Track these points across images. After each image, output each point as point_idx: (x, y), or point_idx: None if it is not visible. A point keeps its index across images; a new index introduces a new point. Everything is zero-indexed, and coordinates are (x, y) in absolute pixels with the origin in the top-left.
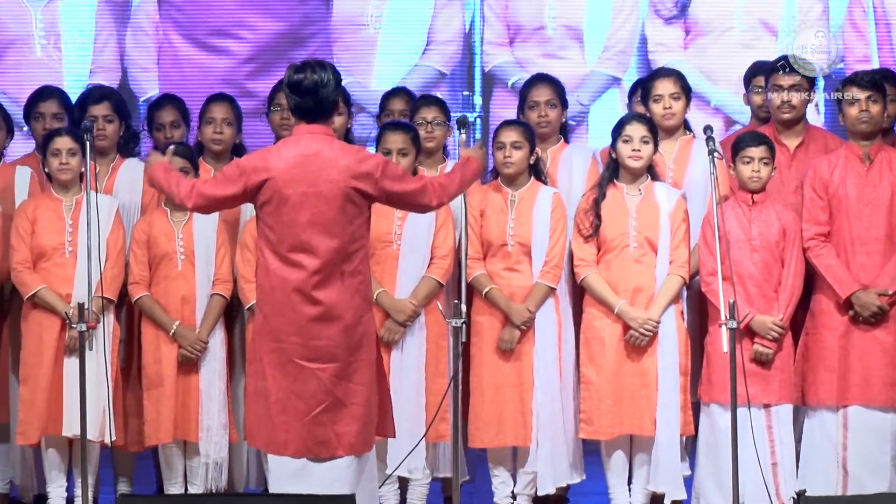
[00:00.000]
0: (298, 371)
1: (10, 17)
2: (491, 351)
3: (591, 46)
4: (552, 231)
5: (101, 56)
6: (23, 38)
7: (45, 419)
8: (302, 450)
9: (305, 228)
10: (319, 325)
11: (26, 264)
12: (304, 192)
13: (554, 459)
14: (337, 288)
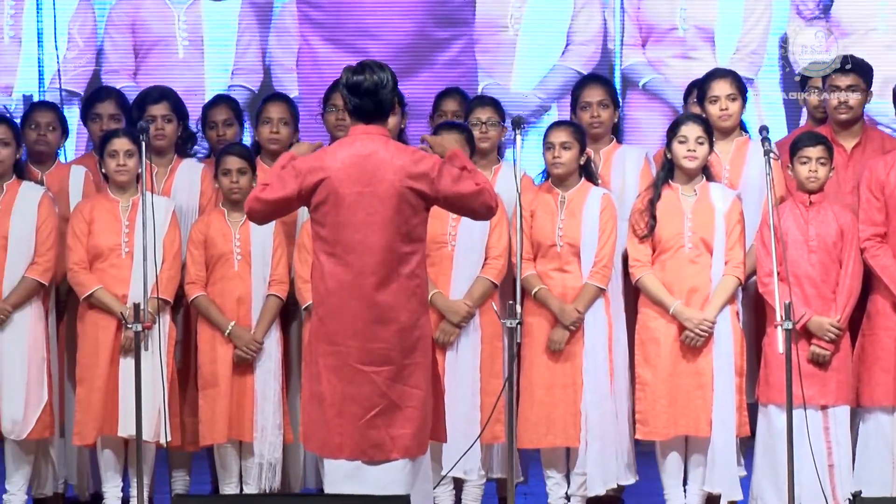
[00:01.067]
0: (354, 374)
1: (153, 18)
2: (540, 351)
3: (722, 47)
4: (601, 232)
5: (244, 58)
6: (166, 40)
7: (101, 419)
8: (356, 452)
9: (360, 228)
10: (375, 327)
11: (82, 265)
12: (360, 192)
13: (603, 460)
14: (393, 290)
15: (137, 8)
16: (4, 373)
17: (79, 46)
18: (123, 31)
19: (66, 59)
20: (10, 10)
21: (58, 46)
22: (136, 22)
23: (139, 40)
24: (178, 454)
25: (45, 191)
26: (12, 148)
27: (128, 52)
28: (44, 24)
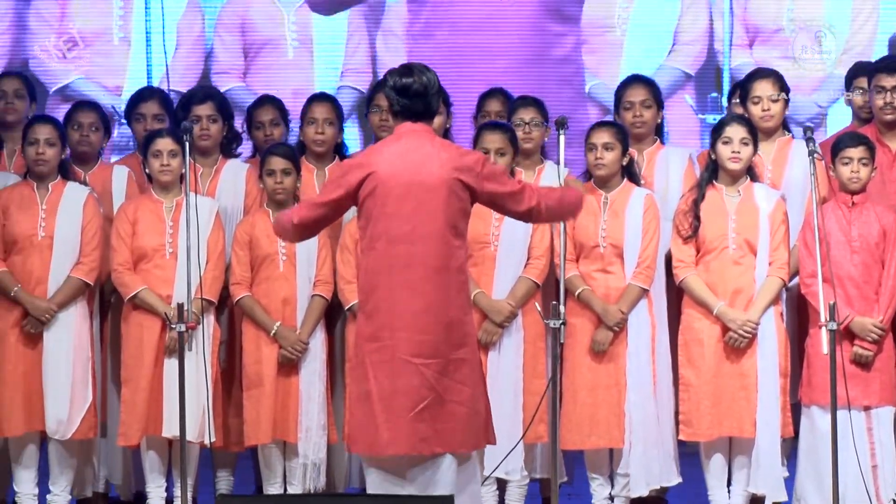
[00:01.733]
0: (402, 366)
1: (263, 18)
2: (584, 352)
3: (829, 48)
4: (644, 232)
5: (353, 58)
6: (275, 40)
7: (146, 420)
8: (405, 447)
9: (409, 219)
10: (424, 318)
11: (127, 266)
12: (408, 184)
13: (647, 461)
14: (443, 282)
15: (247, 9)
16: (49, 373)
17: (187, 47)
18: (233, 32)
19: (174, 59)
20: (120, 10)
21: (166, 48)
22: (246, 23)
23: (249, 41)
24: (223, 454)
25: (89, 191)
26: (57, 148)
27: (237, 53)
28: (152, 26)
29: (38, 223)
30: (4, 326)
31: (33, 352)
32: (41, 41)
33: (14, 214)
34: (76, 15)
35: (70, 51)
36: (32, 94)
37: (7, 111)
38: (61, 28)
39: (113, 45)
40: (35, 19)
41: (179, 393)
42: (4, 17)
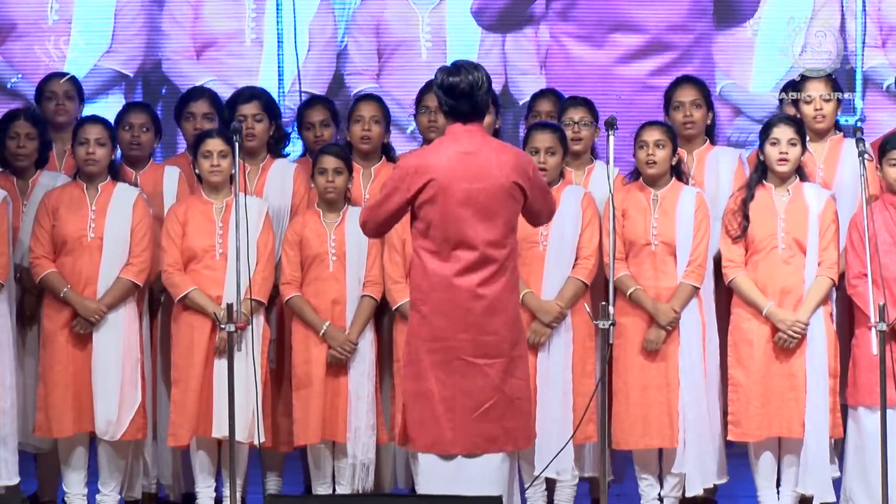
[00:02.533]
0: (465, 368)
1: (397, 19)
2: (636, 352)
3: None
4: (695, 231)
5: (485, 60)
6: (409, 41)
7: (196, 421)
8: (469, 446)
9: (471, 224)
10: (486, 319)
11: (177, 266)
12: (468, 189)
13: (701, 460)
14: (501, 283)
15: (381, 10)
16: (99, 374)
17: (319, 49)
18: (367, 32)
19: (306, 61)
20: (252, 13)
21: (298, 49)
22: (381, 24)
23: (383, 42)
24: (272, 454)
25: (139, 192)
26: (108, 149)
27: (371, 53)
28: (284, 27)
29: (87, 224)
30: (54, 327)
31: (83, 353)
32: (174, 43)
33: (64, 215)
34: (209, 17)
35: (203, 52)
36: (82, 95)
37: (57, 112)
38: (194, 30)
39: (245, 47)
40: (168, 21)
41: (229, 393)
42: (137, 19)
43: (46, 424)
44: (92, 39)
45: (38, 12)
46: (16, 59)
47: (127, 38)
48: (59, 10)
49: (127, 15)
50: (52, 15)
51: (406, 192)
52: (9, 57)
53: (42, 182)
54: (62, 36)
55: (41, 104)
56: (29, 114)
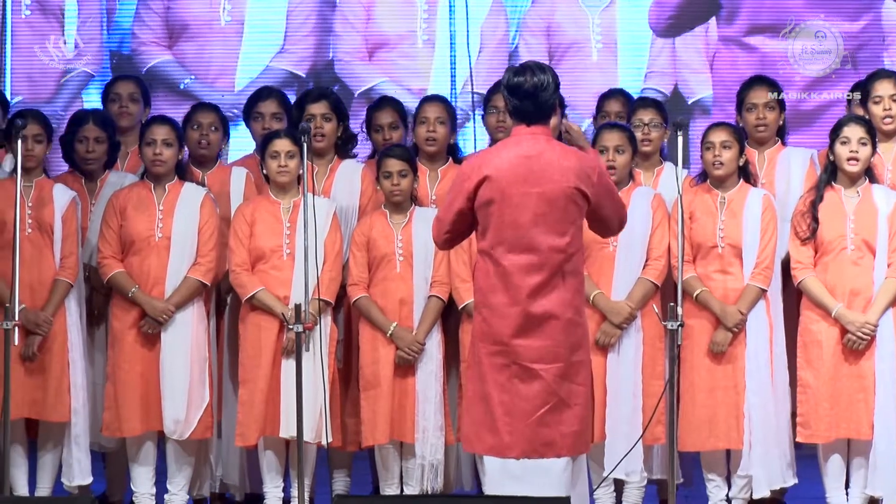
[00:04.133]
0: (523, 372)
1: (568, 21)
2: (702, 354)
3: None
4: (763, 232)
5: (657, 60)
6: (580, 43)
7: (263, 420)
8: (527, 451)
9: (528, 228)
10: (544, 324)
11: (244, 266)
12: (527, 192)
13: (768, 462)
14: (560, 287)
15: (552, 11)
16: (167, 373)
17: (490, 50)
18: (538, 34)
19: (477, 62)
20: (424, 14)
21: (470, 50)
22: (551, 25)
23: (554, 44)
24: (339, 454)
25: (206, 192)
26: (175, 149)
27: (542, 55)
28: (456, 28)
29: (155, 224)
30: (122, 327)
31: (151, 352)
32: (346, 44)
33: (132, 215)
34: (381, 18)
35: (375, 53)
36: (147, 97)
37: (122, 114)
38: (366, 31)
39: (417, 48)
40: (340, 22)
41: (297, 393)
42: (309, 20)
43: (115, 424)
44: (264, 40)
45: (211, 13)
46: (188, 61)
47: (299, 39)
48: (232, 10)
49: (299, 16)
50: (225, 16)
51: (465, 193)
52: (181, 58)
53: (110, 182)
54: (234, 37)
55: (106, 106)
56: (97, 117)
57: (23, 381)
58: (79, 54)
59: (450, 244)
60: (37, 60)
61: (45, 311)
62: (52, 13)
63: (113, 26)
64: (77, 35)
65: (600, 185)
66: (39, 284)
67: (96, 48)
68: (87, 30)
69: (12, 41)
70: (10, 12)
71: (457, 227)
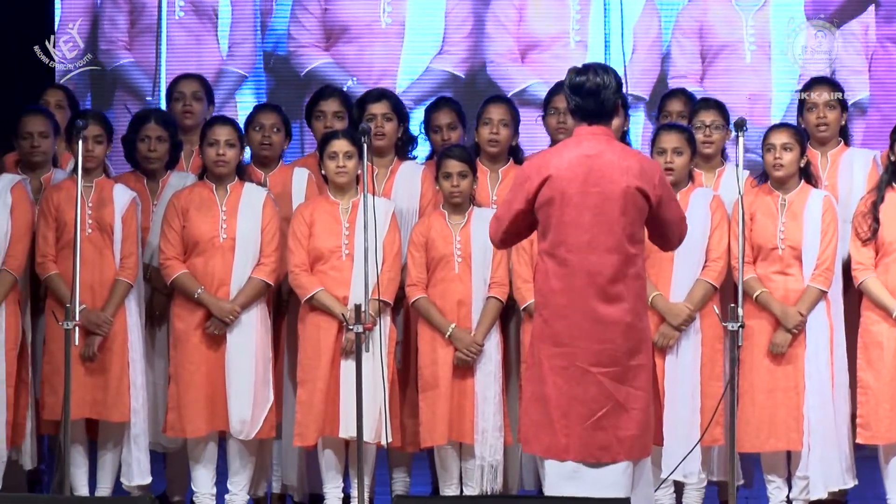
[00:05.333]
0: (581, 375)
1: (721, 22)
2: (762, 355)
3: None
4: (823, 234)
5: (810, 60)
6: (733, 44)
7: (323, 421)
8: (584, 454)
9: (588, 229)
10: (603, 327)
11: (304, 267)
12: (587, 193)
13: (826, 464)
14: (620, 290)
15: (705, 12)
16: (233, 374)
17: (644, 50)
18: (691, 35)
19: (631, 62)
20: (577, 14)
21: (624, 50)
22: (704, 26)
23: (706, 45)
24: (399, 455)
25: (267, 192)
26: (237, 149)
27: (695, 56)
28: (610, 28)
29: (219, 225)
30: (186, 328)
31: (216, 353)
32: (499, 45)
33: (194, 216)
34: (533, 19)
35: (527, 55)
36: (210, 96)
37: (185, 114)
38: (518, 32)
39: (569, 49)
40: (493, 24)
41: (356, 394)
42: (467, 21)
43: (179, 424)
44: (424, 41)
45: (371, 15)
46: (348, 63)
47: (458, 41)
48: (392, 12)
49: (457, 17)
50: (385, 18)
51: (526, 194)
52: (340, 60)
53: (172, 183)
54: (395, 38)
55: (170, 105)
56: (159, 116)
57: (83, 381)
58: (231, 56)
59: (506, 244)
60: (192, 61)
61: (105, 311)
62: (206, 14)
63: (269, 28)
64: (231, 36)
65: (662, 186)
66: (100, 285)
67: (249, 49)
68: (239, 31)
69: (167, 42)
70: (164, 13)
71: (515, 227)
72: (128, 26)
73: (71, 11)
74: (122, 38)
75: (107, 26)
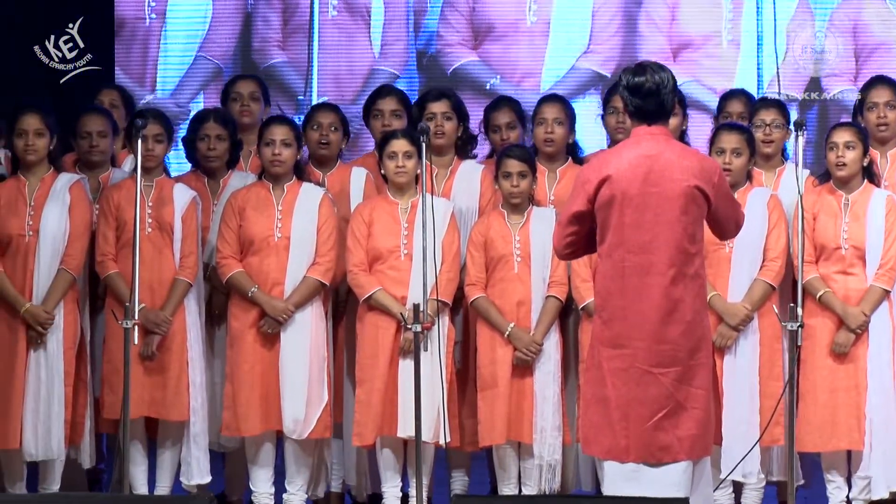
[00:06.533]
0: (641, 376)
1: (876, 20)
2: (824, 354)
3: None
4: (887, 234)
5: None
6: (888, 44)
7: (381, 420)
8: (644, 455)
9: (649, 229)
10: (663, 328)
11: (362, 266)
12: (647, 193)
13: (887, 463)
14: (680, 290)
15: (859, 11)
16: (287, 373)
17: (797, 50)
18: (845, 34)
19: (784, 62)
20: (729, 14)
21: (777, 50)
22: (858, 25)
23: (860, 44)
24: (457, 454)
25: (324, 191)
26: (293, 149)
27: (848, 56)
28: (763, 29)
29: (274, 224)
30: (241, 327)
31: (270, 352)
32: (650, 44)
33: (250, 215)
34: (685, 18)
35: (679, 54)
36: (267, 96)
37: (243, 113)
38: (671, 31)
39: (721, 48)
40: (645, 23)
41: (415, 393)
42: (615, 20)
43: (234, 423)
44: (570, 40)
45: (517, 13)
46: (493, 61)
47: (605, 39)
48: (537, 10)
49: (604, 16)
50: (531, 16)
51: (585, 195)
52: (486, 59)
53: (232, 183)
54: (540, 37)
55: (227, 105)
56: (219, 115)
57: (142, 380)
58: (383, 54)
59: (569, 255)
60: (344, 60)
61: (164, 310)
62: (359, 13)
63: (422, 27)
64: (383, 35)
65: (721, 185)
66: (159, 284)
67: (402, 48)
68: (392, 30)
69: (319, 41)
70: (317, 12)
71: (576, 230)
72: (281, 25)
73: (223, 10)
74: (275, 36)
75: (260, 25)
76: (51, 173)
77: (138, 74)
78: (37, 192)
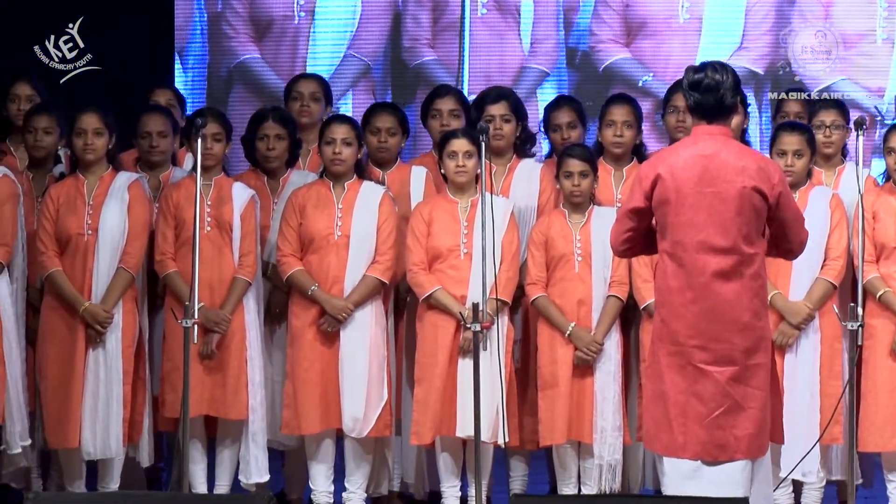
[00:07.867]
0: (698, 374)
1: None
2: (885, 354)
3: None
4: None
5: None
6: None
7: (440, 419)
8: (700, 452)
9: (704, 228)
10: (719, 327)
11: (422, 266)
12: (702, 192)
13: None
14: (737, 289)
15: None
16: (346, 371)
17: None
18: None
19: None
20: (884, 12)
21: None
22: None
23: None
24: (517, 453)
25: (385, 190)
26: (354, 148)
27: None
28: None
29: (334, 222)
30: (301, 325)
31: (330, 350)
32: (803, 41)
33: (311, 214)
34: (839, 16)
35: (832, 51)
36: (328, 96)
37: (302, 113)
38: (824, 29)
39: (876, 46)
40: (798, 20)
41: (474, 393)
42: (768, 18)
43: (294, 422)
44: (723, 37)
45: (669, 11)
46: (646, 58)
47: (757, 37)
48: (690, 7)
49: (757, 13)
50: (683, 13)
51: (642, 192)
52: (639, 55)
53: (292, 181)
54: (693, 34)
55: (287, 104)
56: (277, 114)
57: (201, 378)
58: (533, 52)
59: (626, 252)
60: (494, 58)
61: (223, 309)
62: (509, 11)
63: (574, 25)
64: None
65: (782, 187)
66: (218, 283)
67: (552, 46)
68: (542, 28)
69: (469, 39)
70: (468, 11)
71: (633, 227)
72: (430, 24)
73: (372, 8)
74: (425, 35)
75: (409, 24)
76: (109, 172)
77: (287, 72)
78: (96, 191)
